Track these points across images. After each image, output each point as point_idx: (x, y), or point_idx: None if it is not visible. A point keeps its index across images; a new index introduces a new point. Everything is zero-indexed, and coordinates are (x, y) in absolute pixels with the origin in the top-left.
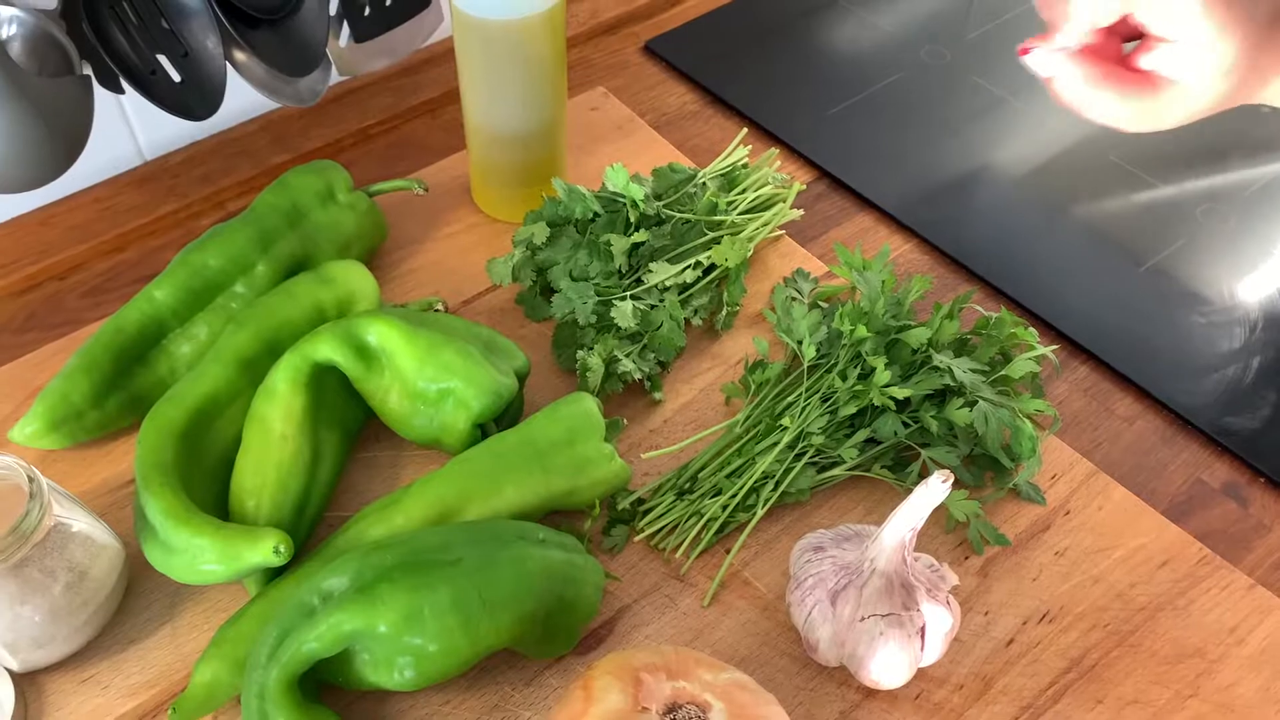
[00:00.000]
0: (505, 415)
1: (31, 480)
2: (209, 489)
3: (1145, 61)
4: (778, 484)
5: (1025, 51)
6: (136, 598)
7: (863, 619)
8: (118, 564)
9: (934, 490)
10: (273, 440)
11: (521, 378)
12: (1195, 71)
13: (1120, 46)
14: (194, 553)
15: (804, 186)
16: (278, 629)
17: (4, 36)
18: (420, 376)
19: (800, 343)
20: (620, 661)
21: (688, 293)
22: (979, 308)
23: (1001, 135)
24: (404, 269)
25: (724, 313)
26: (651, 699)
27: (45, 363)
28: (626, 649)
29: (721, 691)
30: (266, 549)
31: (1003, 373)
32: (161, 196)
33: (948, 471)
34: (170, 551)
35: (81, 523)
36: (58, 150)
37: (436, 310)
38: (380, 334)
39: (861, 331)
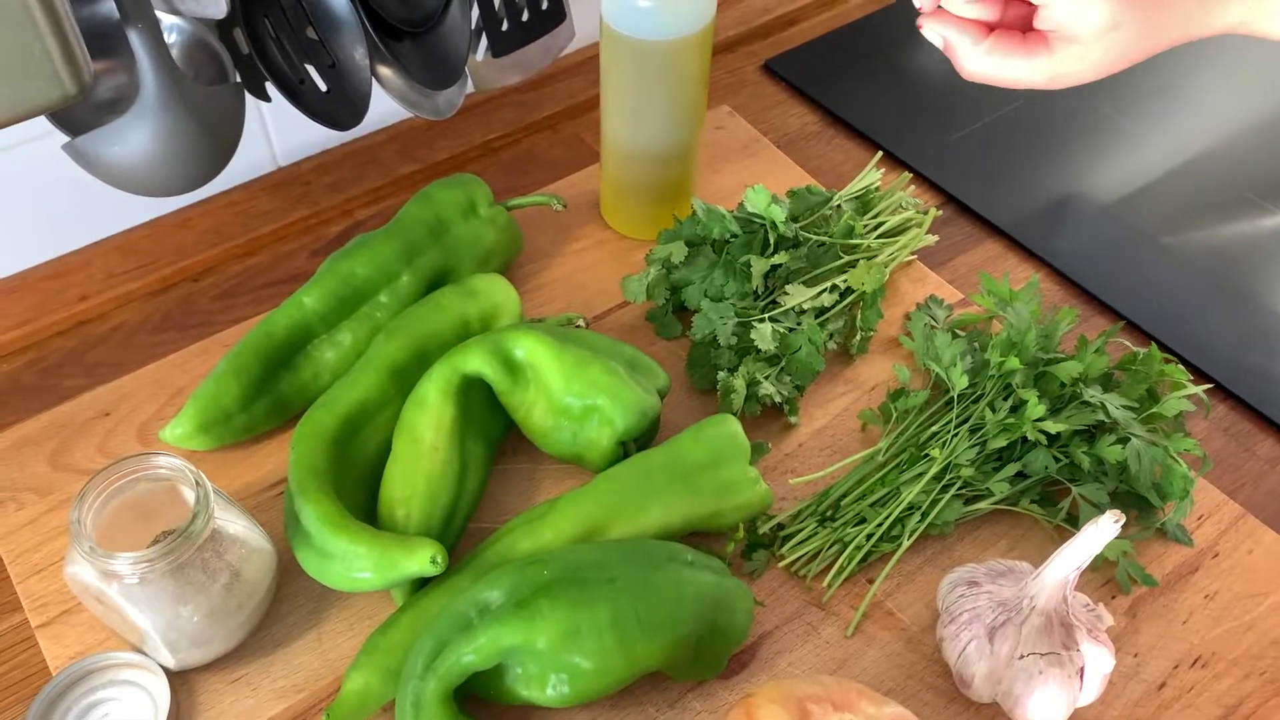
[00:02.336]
0: (640, 440)
1: (199, 485)
2: (356, 496)
3: (1039, 23)
4: (924, 515)
5: (921, 26)
6: (281, 602)
7: (1022, 657)
8: (270, 566)
9: (1104, 530)
10: (423, 450)
11: (662, 396)
12: (1081, 28)
13: (1026, 13)
14: (350, 560)
15: (939, 212)
16: (433, 640)
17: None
18: (567, 392)
19: (948, 371)
20: (782, 691)
21: (823, 316)
22: (1126, 341)
23: (1129, 164)
24: (535, 283)
25: (858, 338)
26: None
27: (186, 364)
28: (784, 678)
29: None
30: (423, 559)
31: (1154, 410)
32: (293, 203)
33: (1119, 512)
34: (326, 558)
35: (238, 525)
36: (211, 155)
37: (577, 326)
38: (528, 349)
39: (1013, 363)
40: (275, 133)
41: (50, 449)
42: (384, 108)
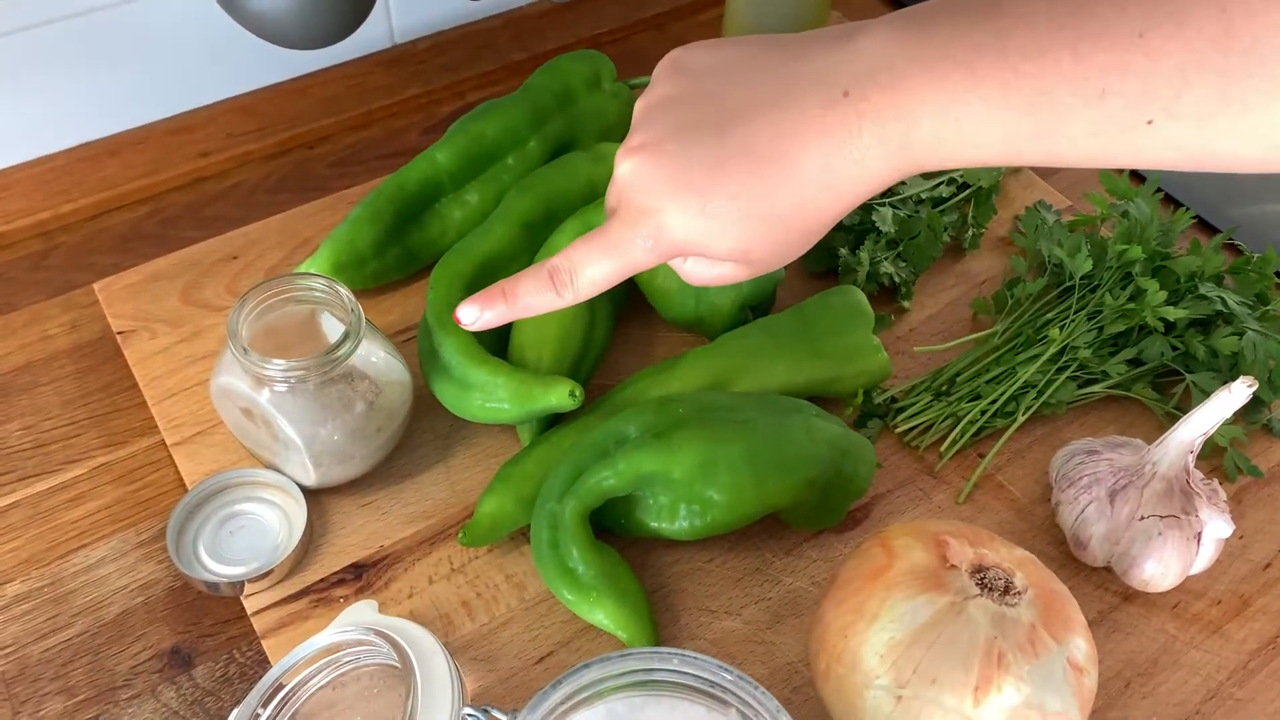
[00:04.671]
0: (758, 308)
1: (352, 310)
2: (486, 345)
3: None
4: (1039, 393)
5: None
6: (410, 436)
7: (1141, 518)
8: (407, 397)
9: (1236, 395)
10: None
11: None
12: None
13: None
14: (489, 390)
15: None
16: (570, 466)
17: None
18: None
19: (1071, 256)
20: (916, 527)
21: (939, 208)
22: (1243, 244)
23: None
24: None
25: (970, 233)
26: (958, 559)
27: (311, 217)
28: (916, 520)
29: (1017, 564)
30: (561, 393)
31: (1268, 309)
32: (407, 80)
33: (1252, 378)
34: (465, 389)
35: (380, 354)
36: (349, 10)
37: None
38: None
39: (1135, 252)
40: (395, 9)
41: (181, 285)
42: None
